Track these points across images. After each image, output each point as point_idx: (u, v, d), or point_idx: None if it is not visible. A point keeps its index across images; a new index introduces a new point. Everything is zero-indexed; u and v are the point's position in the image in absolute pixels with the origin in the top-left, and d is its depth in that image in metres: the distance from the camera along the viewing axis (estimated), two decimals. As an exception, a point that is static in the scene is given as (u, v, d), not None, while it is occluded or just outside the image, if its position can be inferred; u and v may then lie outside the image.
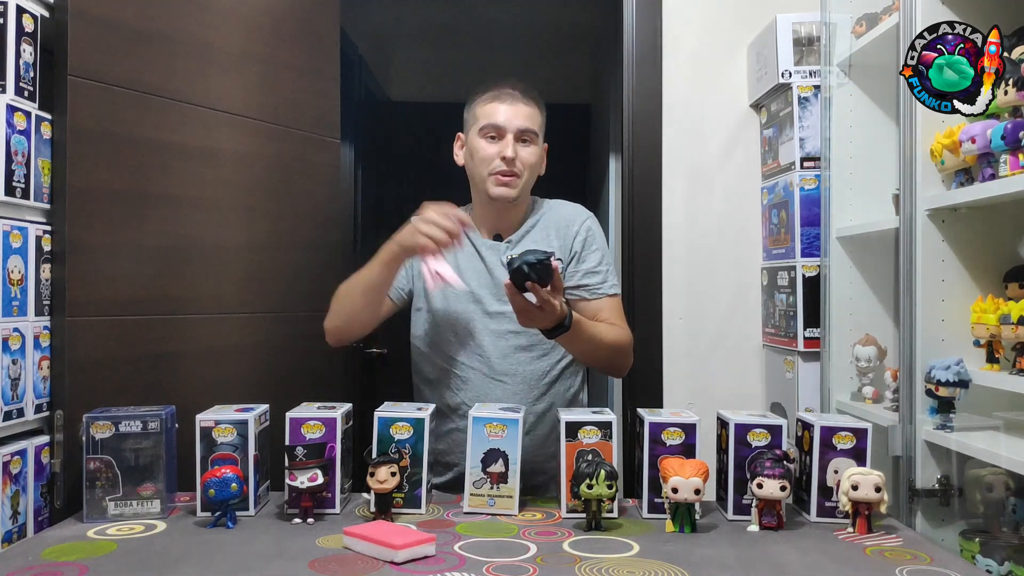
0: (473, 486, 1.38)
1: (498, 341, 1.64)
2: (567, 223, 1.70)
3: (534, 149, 1.65)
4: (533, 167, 1.65)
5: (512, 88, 1.65)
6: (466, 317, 1.66)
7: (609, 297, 1.68)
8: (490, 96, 1.65)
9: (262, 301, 1.93)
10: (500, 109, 1.63)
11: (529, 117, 1.64)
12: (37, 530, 1.40)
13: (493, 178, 1.62)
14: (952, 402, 1.54)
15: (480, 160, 1.63)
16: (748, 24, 2.32)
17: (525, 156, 1.63)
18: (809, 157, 2.07)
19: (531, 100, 1.66)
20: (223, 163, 1.83)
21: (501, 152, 1.61)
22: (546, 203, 1.75)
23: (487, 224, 1.70)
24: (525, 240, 1.68)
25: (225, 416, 1.37)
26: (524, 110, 1.64)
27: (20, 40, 1.41)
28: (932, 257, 1.61)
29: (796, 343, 2.07)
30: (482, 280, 1.66)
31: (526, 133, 1.63)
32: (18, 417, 1.39)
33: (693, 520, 1.29)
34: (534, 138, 1.65)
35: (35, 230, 1.44)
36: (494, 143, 1.63)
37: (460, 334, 1.66)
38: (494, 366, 1.64)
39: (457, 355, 1.66)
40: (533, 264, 1.36)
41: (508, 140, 1.62)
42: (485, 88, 1.68)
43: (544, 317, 1.44)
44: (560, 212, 1.73)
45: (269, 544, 1.22)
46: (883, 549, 1.22)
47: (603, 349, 1.61)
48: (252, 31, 1.90)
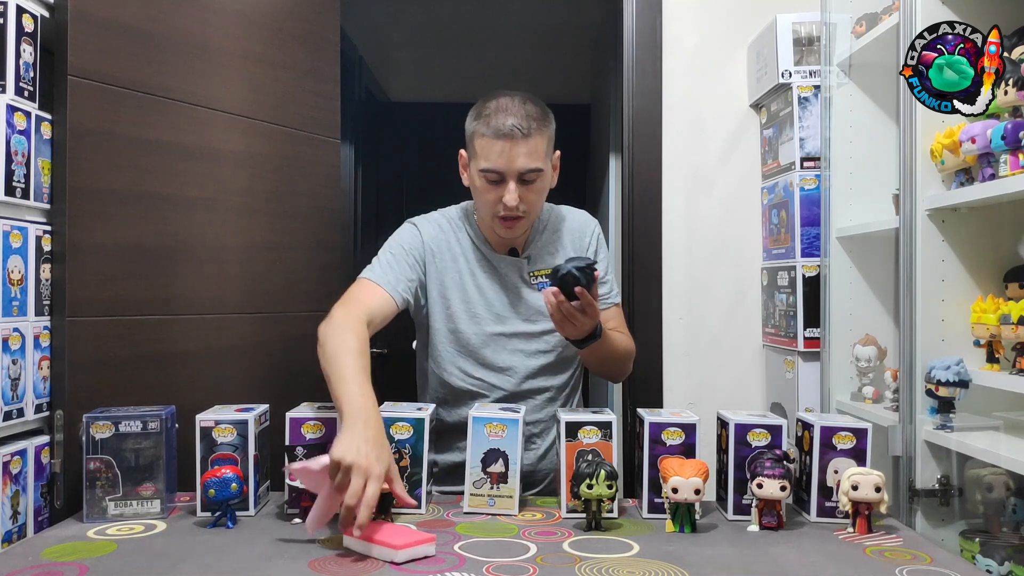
0: (473, 486, 1.38)
1: (526, 360, 1.63)
2: (579, 232, 1.70)
3: (539, 184, 1.54)
4: (539, 202, 1.57)
5: (512, 118, 1.49)
6: (488, 337, 1.62)
7: (615, 306, 1.71)
8: (489, 131, 1.50)
9: (262, 301, 1.93)
10: (499, 150, 1.49)
11: (531, 154, 1.50)
12: (37, 530, 1.40)
13: (498, 220, 1.56)
14: (952, 402, 1.54)
15: (483, 202, 1.56)
16: (748, 24, 2.32)
17: (530, 197, 1.53)
18: (809, 157, 2.07)
19: (533, 128, 1.50)
20: (223, 163, 1.83)
21: (502, 198, 1.51)
22: (554, 211, 1.72)
23: (497, 238, 1.63)
24: (542, 253, 1.66)
25: (225, 416, 1.37)
26: (524, 148, 1.49)
27: (20, 40, 1.41)
28: (932, 257, 1.61)
29: (796, 343, 2.07)
30: (503, 299, 1.62)
31: (529, 173, 1.51)
32: (18, 417, 1.39)
33: (693, 520, 1.29)
34: (538, 174, 1.53)
35: (35, 230, 1.44)
36: (496, 188, 1.52)
37: (482, 354, 1.62)
38: (520, 384, 1.63)
39: (481, 376, 1.63)
40: (583, 269, 1.39)
41: (510, 186, 1.51)
42: (487, 108, 1.53)
43: (585, 324, 1.44)
44: (571, 221, 1.71)
45: (269, 544, 1.21)
46: (883, 549, 1.22)
47: (618, 357, 1.64)
48: (252, 31, 1.90)
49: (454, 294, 1.62)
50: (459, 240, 1.64)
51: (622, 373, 1.74)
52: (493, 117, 1.51)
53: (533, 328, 1.62)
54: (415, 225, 1.67)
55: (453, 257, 1.63)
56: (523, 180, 1.52)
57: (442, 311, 1.62)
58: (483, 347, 1.62)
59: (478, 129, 1.53)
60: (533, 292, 1.63)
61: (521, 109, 1.51)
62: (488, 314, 1.61)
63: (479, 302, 1.62)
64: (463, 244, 1.64)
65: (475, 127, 1.54)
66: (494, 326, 1.62)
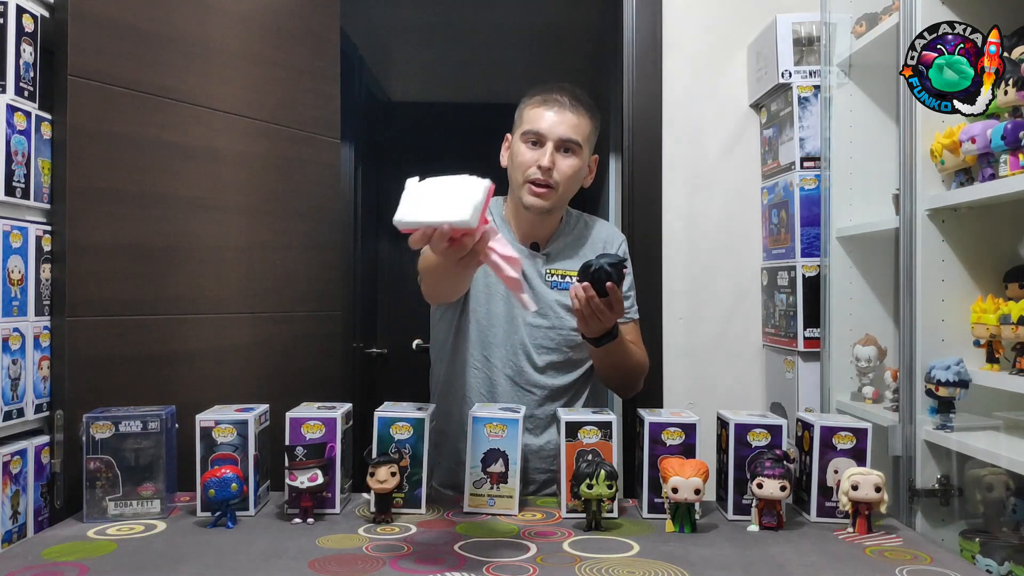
0: (473, 486, 1.38)
1: (532, 353, 1.64)
2: (606, 243, 1.72)
3: (575, 161, 1.59)
4: (571, 179, 1.60)
5: (561, 94, 1.59)
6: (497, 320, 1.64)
7: (634, 322, 1.72)
8: (539, 100, 1.60)
9: (262, 301, 1.93)
10: (545, 115, 1.57)
11: (574, 127, 1.58)
12: (37, 530, 1.40)
13: (527, 186, 1.58)
14: (952, 402, 1.54)
15: (518, 164, 1.59)
16: (748, 24, 2.32)
17: (564, 167, 1.58)
18: (809, 157, 2.07)
19: (580, 108, 1.59)
20: (223, 163, 1.83)
21: (538, 160, 1.56)
22: (584, 218, 1.74)
23: (522, 229, 1.67)
24: (562, 253, 1.67)
25: (225, 416, 1.37)
26: (570, 118, 1.57)
27: (20, 40, 1.41)
28: (932, 257, 1.61)
29: (796, 343, 2.07)
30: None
31: (568, 143, 1.57)
32: (18, 417, 1.39)
33: (693, 520, 1.29)
34: (577, 149, 1.59)
35: (35, 230, 1.44)
36: (534, 149, 1.58)
37: (489, 336, 1.64)
38: (522, 374, 1.64)
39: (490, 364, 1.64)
40: (615, 265, 1.40)
41: (548, 148, 1.56)
42: (537, 90, 1.63)
43: (608, 320, 1.45)
44: (600, 232, 1.73)
45: (269, 544, 1.22)
46: (883, 549, 1.22)
47: (629, 366, 1.65)
48: (252, 31, 1.90)
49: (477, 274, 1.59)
50: None
51: (633, 387, 1.73)
52: (544, 93, 1.61)
53: (542, 322, 1.64)
54: None
55: None
56: (562, 149, 1.58)
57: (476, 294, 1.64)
58: (495, 326, 1.63)
59: (529, 103, 1.62)
60: (546, 288, 1.65)
61: (569, 90, 1.62)
62: (504, 298, 1.63)
63: (497, 287, 1.63)
64: None
65: (526, 103, 1.63)
66: (509, 309, 1.63)
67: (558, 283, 1.65)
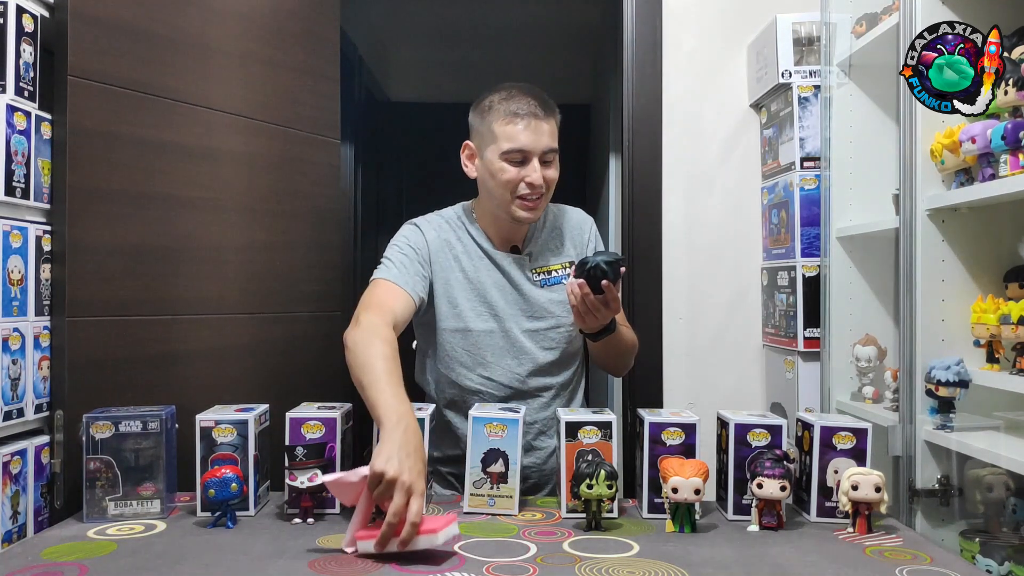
0: (473, 486, 1.38)
1: (532, 356, 1.62)
2: (578, 229, 1.71)
3: (556, 164, 1.59)
4: (554, 184, 1.60)
5: (527, 102, 1.54)
6: (496, 334, 1.62)
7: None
8: (508, 113, 1.54)
9: (262, 301, 1.93)
10: (523, 131, 1.53)
11: (552, 134, 1.56)
12: (37, 530, 1.40)
13: (518, 202, 1.56)
14: (952, 402, 1.54)
15: (503, 182, 1.56)
16: (748, 24, 2.32)
17: (549, 175, 1.57)
18: (809, 157, 2.07)
19: (549, 111, 1.57)
20: (223, 163, 1.83)
21: (526, 176, 1.54)
22: (550, 208, 1.72)
23: (500, 235, 1.65)
24: (543, 250, 1.67)
25: (225, 416, 1.37)
26: (546, 128, 1.55)
27: (20, 40, 1.41)
28: (932, 257, 1.61)
29: (796, 343, 2.07)
30: (508, 296, 1.62)
31: (549, 153, 1.56)
32: (18, 417, 1.39)
33: (693, 520, 1.29)
34: (556, 155, 1.58)
35: (35, 230, 1.44)
36: (518, 167, 1.54)
37: (490, 351, 1.62)
38: (527, 381, 1.63)
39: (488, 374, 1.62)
40: (611, 263, 1.40)
41: (534, 164, 1.54)
42: (498, 96, 1.57)
43: (605, 316, 1.45)
44: (568, 218, 1.72)
45: (269, 544, 1.22)
46: (883, 549, 1.22)
47: (625, 351, 1.67)
48: (252, 31, 1.90)
49: (460, 293, 1.61)
50: (460, 240, 1.64)
51: (626, 367, 1.75)
52: (509, 102, 1.55)
53: (539, 325, 1.63)
54: (417, 226, 1.66)
55: (455, 256, 1.63)
56: (543, 160, 1.55)
57: (449, 311, 1.62)
58: (491, 344, 1.62)
59: (495, 115, 1.55)
60: (536, 289, 1.64)
61: (532, 94, 1.57)
62: (495, 312, 1.61)
63: (485, 300, 1.62)
64: (465, 243, 1.64)
65: (489, 115, 1.56)
66: (502, 323, 1.62)
67: (546, 280, 1.65)
